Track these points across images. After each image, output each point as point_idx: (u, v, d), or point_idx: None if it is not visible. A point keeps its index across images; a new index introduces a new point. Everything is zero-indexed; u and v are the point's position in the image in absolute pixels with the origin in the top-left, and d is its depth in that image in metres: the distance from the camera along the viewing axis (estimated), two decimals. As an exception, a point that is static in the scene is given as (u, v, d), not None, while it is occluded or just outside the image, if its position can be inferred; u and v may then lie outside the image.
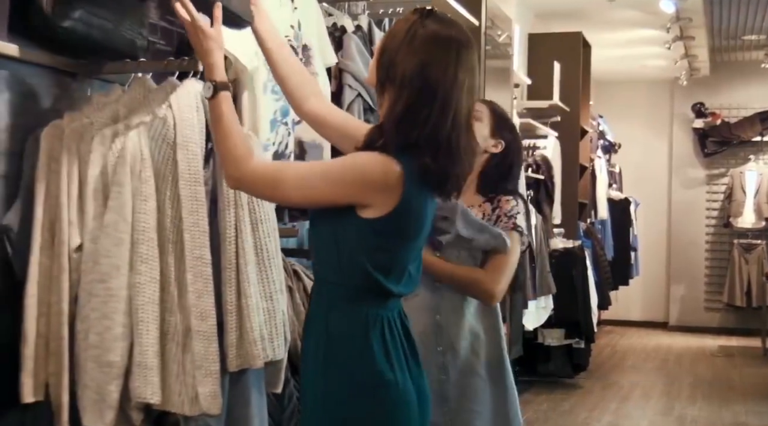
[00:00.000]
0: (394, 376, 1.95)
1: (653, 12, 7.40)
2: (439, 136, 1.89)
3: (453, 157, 1.92)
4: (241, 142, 1.89)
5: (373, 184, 1.87)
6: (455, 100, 1.91)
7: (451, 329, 2.70)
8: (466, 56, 1.96)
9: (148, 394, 2.02)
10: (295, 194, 1.92)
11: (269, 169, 1.92)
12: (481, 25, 4.55)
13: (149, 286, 2.03)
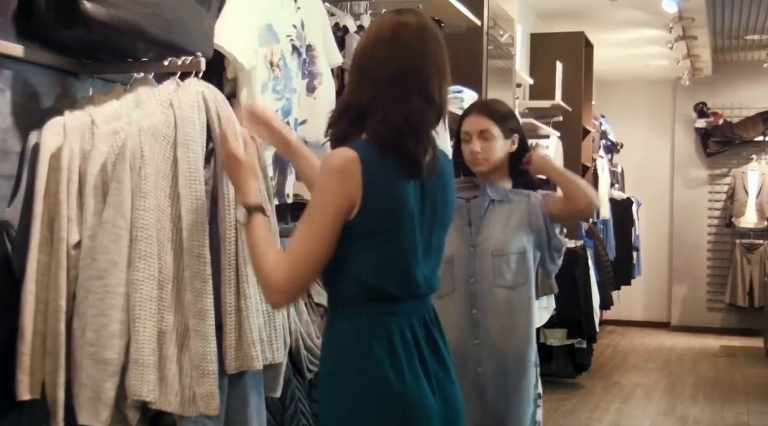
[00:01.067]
0: (403, 385, 1.92)
1: (655, 12, 7.39)
2: (385, 117, 1.93)
3: (407, 134, 1.93)
4: (268, 262, 1.92)
5: (338, 178, 1.89)
6: (389, 79, 1.94)
7: (488, 324, 2.80)
8: (400, 37, 1.97)
9: (144, 391, 2.01)
10: (322, 251, 1.91)
11: (291, 262, 1.90)
12: (483, 25, 4.55)
13: (147, 283, 2.03)
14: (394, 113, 1.93)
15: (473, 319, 2.81)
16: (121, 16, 2.11)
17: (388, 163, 1.92)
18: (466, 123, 2.93)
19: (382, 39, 1.97)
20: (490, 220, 2.87)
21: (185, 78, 2.26)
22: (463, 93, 4.34)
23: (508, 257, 2.83)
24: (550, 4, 7.58)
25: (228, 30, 2.48)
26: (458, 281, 2.83)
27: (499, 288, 2.82)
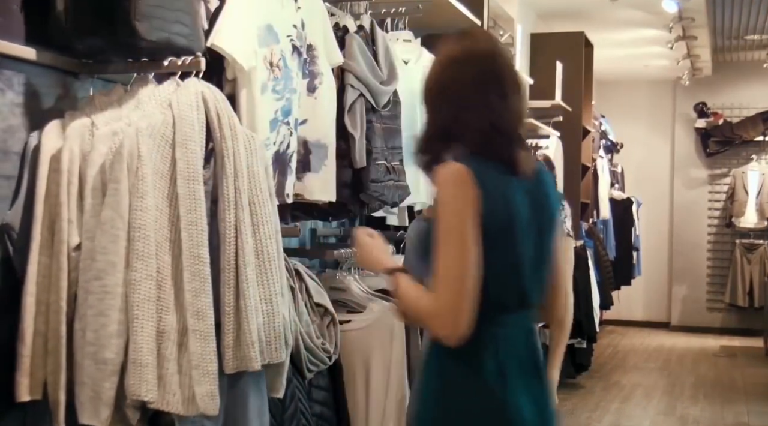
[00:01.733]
0: (506, 396, 1.96)
1: (655, 12, 7.39)
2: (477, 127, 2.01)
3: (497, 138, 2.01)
4: (425, 303, 1.92)
5: (458, 189, 1.93)
6: (467, 95, 2.03)
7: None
8: (463, 57, 2.07)
9: (142, 391, 2.01)
10: (475, 265, 1.90)
11: (451, 291, 1.89)
12: (483, 24, 4.55)
13: (145, 283, 2.03)
14: (480, 121, 2.01)
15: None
16: (163, 35, 2.16)
17: (490, 166, 1.98)
18: None
19: (455, 59, 2.07)
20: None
21: (185, 78, 2.26)
22: (463, 93, 4.33)
23: None
24: (550, 4, 7.57)
25: (227, 31, 2.48)
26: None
27: None
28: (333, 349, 2.87)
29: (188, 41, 2.26)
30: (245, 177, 2.22)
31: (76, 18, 2.13)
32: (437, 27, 4.20)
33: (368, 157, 3.13)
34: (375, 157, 3.16)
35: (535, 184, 2.06)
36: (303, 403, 2.75)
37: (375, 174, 3.16)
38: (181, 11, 2.22)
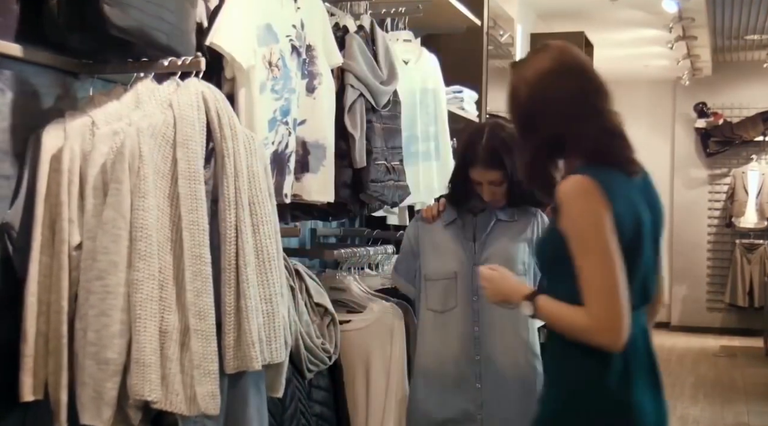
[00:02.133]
0: (631, 395, 2.02)
1: (655, 12, 7.39)
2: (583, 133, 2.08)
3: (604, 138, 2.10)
4: (577, 321, 1.98)
5: (588, 199, 1.98)
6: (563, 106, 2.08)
7: (488, 341, 2.84)
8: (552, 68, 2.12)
9: (145, 391, 2.01)
10: (620, 272, 1.96)
11: (601, 301, 1.95)
12: (483, 25, 4.55)
13: (147, 283, 2.03)
14: (595, 128, 2.08)
15: (475, 335, 2.85)
16: (134, 24, 2.13)
17: (609, 171, 2.05)
18: (474, 172, 2.86)
19: (551, 74, 2.10)
20: (495, 238, 2.89)
21: (185, 78, 2.26)
22: (463, 93, 4.34)
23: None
24: (550, 4, 7.57)
25: (227, 30, 2.48)
26: (461, 297, 2.87)
27: (501, 307, 2.82)
28: (333, 349, 2.87)
29: (168, 39, 2.23)
30: (245, 177, 2.22)
31: (67, 12, 2.12)
32: (437, 27, 4.21)
33: (368, 157, 3.13)
34: (375, 157, 3.16)
35: (645, 182, 2.16)
36: (303, 403, 2.75)
37: (375, 174, 3.16)
38: (165, 8, 2.20)
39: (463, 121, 4.29)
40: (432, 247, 2.94)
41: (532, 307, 2.10)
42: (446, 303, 2.88)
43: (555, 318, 2.06)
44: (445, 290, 2.88)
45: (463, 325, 2.85)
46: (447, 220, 2.95)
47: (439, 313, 2.88)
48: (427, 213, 3.00)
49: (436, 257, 2.93)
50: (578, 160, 2.08)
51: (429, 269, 2.93)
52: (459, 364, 2.85)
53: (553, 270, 2.11)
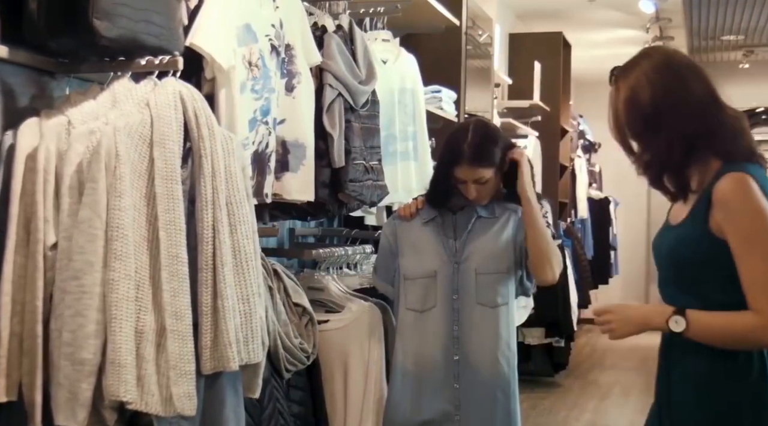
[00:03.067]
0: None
1: (633, 12, 7.45)
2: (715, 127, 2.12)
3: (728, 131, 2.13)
4: (741, 324, 2.01)
5: (758, 194, 2.02)
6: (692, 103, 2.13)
7: (468, 340, 2.82)
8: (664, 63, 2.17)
9: (121, 392, 2.00)
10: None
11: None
12: (461, 24, 4.56)
13: (123, 283, 2.02)
14: (723, 125, 2.11)
15: (454, 335, 2.83)
16: (123, 32, 2.13)
17: (755, 167, 2.07)
18: (459, 171, 2.85)
19: (669, 74, 2.14)
20: (476, 237, 2.88)
21: (163, 77, 2.25)
22: (442, 93, 4.35)
23: (491, 276, 2.85)
24: (529, 5, 7.61)
25: (206, 29, 2.47)
26: (441, 297, 2.85)
27: (481, 306, 2.84)
28: (311, 349, 2.87)
29: (160, 41, 2.24)
30: (223, 177, 2.21)
31: (48, 16, 2.12)
32: (416, 27, 4.21)
33: (347, 156, 3.13)
34: (353, 157, 3.16)
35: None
36: (281, 403, 2.75)
37: (353, 173, 3.16)
38: (151, 10, 2.20)
39: (442, 120, 4.30)
40: (411, 245, 2.92)
41: (684, 323, 2.06)
42: (426, 302, 2.86)
43: (717, 326, 2.05)
44: (425, 289, 2.87)
45: (443, 325, 2.84)
46: (426, 217, 2.92)
47: (419, 313, 2.87)
48: (404, 211, 2.97)
49: (415, 256, 2.91)
50: (714, 158, 2.09)
51: (408, 268, 2.91)
52: (437, 365, 2.84)
53: (698, 272, 2.10)
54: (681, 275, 2.17)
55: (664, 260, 2.24)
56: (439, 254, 2.87)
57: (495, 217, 2.90)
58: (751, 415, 2.05)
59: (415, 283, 2.88)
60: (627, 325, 2.18)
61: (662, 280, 2.30)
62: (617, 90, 2.21)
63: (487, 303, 2.84)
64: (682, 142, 2.09)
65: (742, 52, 9.55)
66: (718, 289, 2.07)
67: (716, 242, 2.04)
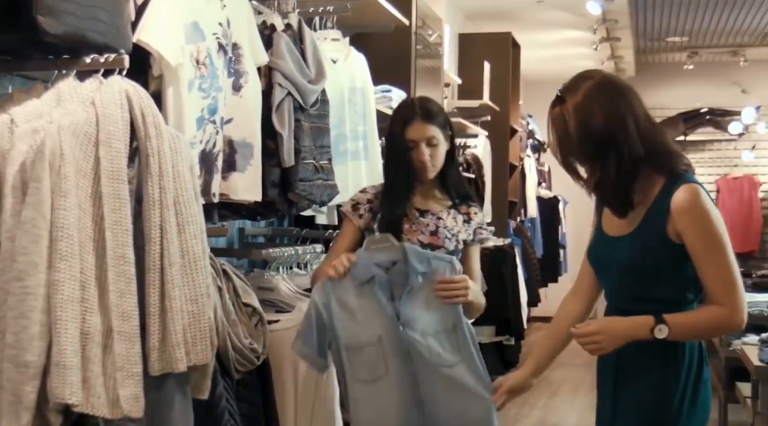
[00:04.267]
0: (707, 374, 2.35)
1: (580, 14, 7.53)
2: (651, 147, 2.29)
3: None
4: (712, 318, 2.24)
5: (712, 205, 2.26)
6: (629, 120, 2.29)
7: (435, 404, 2.61)
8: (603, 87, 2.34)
9: (66, 394, 1.97)
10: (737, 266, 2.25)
11: (739, 290, 2.22)
12: (411, 24, 4.57)
13: (68, 283, 1.99)
14: (664, 144, 2.30)
15: (417, 398, 2.61)
16: (68, 29, 2.09)
17: (693, 177, 2.29)
18: (411, 130, 2.80)
19: (613, 92, 2.31)
20: (416, 295, 2.64)
21: (109, 76, 2.22)
22: (392, 92, 4.36)
23: (439, 336, 2.63)
24: (478, 5, 7.66)
25: (154, 27, 2.45)
26: (392, 362, 2.61)
27: (439, 367, 2.62)
28: (261, 349, 2.85)
29: (106, 38, 2.20)
30: (170, 176, 2.19)
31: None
32: (366, 26, 4.22)
33: (296, 156, 3.12)
34: (303, 156, 3.15)
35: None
36: (231, 403, 2.73)
37: (303, 173, 3.15)
38: (97, 7, 2.17)
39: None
40: (348, 311, 2.63)
41: (667, 329, 2.20)
42: (375, 371, 2.61)
43: (695, 325, 2.25)
44: (371, 357, 2.62)
45: (400, 391, 2.60)
46: (360, 279, 2.64)
47: (370, 383, 2.62)
48: (335, 271, 2.64)
49: (353, 324, 2.63)
50: (656, 174, 2.27)
51: (347, 338, 2.63)
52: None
53: (654, 276, 2.28)
54: (636, 281, 2.32)
55: (617, 269, 2.38)
56: (380, 318, 2.61)
57: (432, 271, 2.66)
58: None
59: (360, 352, 2.63)
60: (614, 340, 2.28)
61: (612, 288, 2.46)
62: (565, 115, 2.31)
63: (443, 363, 2.62)
64: (631, 163, 2.24)
65: (686, 54, 9.72)
66: (670, 289, 2.27)
67: (673, 246, 2.25)
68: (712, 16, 8.09)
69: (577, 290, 2.64)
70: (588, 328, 2.30)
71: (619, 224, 2.37)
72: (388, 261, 2.65)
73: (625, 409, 2.36)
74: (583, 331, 2.30)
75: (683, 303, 2.29)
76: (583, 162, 2.34)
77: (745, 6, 7.67)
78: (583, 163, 2.34)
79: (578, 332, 2.31)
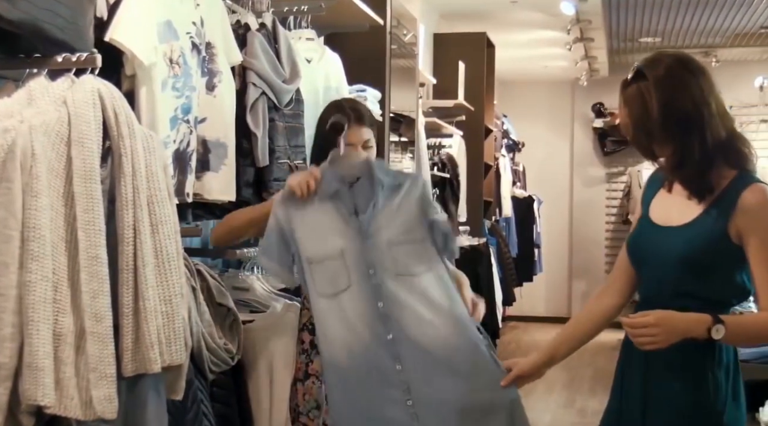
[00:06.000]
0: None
1: (554, 14, 7.56)
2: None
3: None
4: (763, 325, 2.15)
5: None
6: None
7: (399, 316, 2.50)
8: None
9: (39, 396, 1.95)
10: None
11: None
12: (386, 24, 4.57)
13: (40, 284, 1.98)
14: (736, 134, 2.23)
15: (381, 312, 2.51)
16: (24, 17, 2.06)
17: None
18: (350, 135, 2.73)
19: (687, 79, 2.21)
20: (382, 208, 2.57)
21: (80, 75, 2.21)
22: (366, 92, 4.35)
23: (405, 246, 2.56)
24: (453, 5, 7.67)
25: (126, 25, 2.43)
26: (354, 275, 2.53)
27: (403, 277, 2.54)
28: (236, 350, 2.85)
29: (65, 34, 2.18)
30: (143, 176, 2.18)
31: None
32: (340, 26, 4.21)
33: (271, 155, 3.11)
34: (278, 156, 3.15)
35: None
36: (205, 404, 2.72)
37: (278, 173, 3.14)
38: (59, 2, 2.14)
39: (367, 120, 4.31)
40: (309, 227, 2.58)
41: (724, 330, 2.09)
42: (337, 284, 2.53)
43: (750, 330, 2.16)
44: (334, 270, 2.54)
45: (363, 304, 2.51)
46: (324, 193, 2.57)
47: (333, 297, 2.54)
48: (300, 188, 2.55)
49: (315, 237, 2.57)
50: (725, 165, 2.19)
51: (310, 251, 2.56)
52: (370, 349, 2.51)
53: (705, 271, 2.18)
54: (685, 274, 2.20)
55: (667, 260, 2.23)
56: (343, 231, 2.55)
57: (399, 185, 2.60)
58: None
59: (322, 265, 2.55)
60: (671, 335, 2.11)
61: (655, 281, 2.30)
62: (643, 91, 2.26)
63: (407, 273, 2.54)
64: (713, 145, 2.17)
65: (659, 54, 9.78)
66: (717, 290, 2.18)
67: (730, 245, 2.15)
68: (684, 17, 8.16)
69: (611, 285, 2.50)
70: (645, 318, 2.11)
71: (672, 214, 2.26)
72: (352, 176, 2.60)
73: (659, 406, 2.26)
74: (638, 321, 2.12)
75: (725, 305, 2.20)
76: (664, 142, 2.23)
77: (716, 7, 7.74)
78: (664, 142, 2.23)
79: (633, 322, 2.13)
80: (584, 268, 11.12)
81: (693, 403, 2.20)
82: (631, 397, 2.35)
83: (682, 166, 2.21)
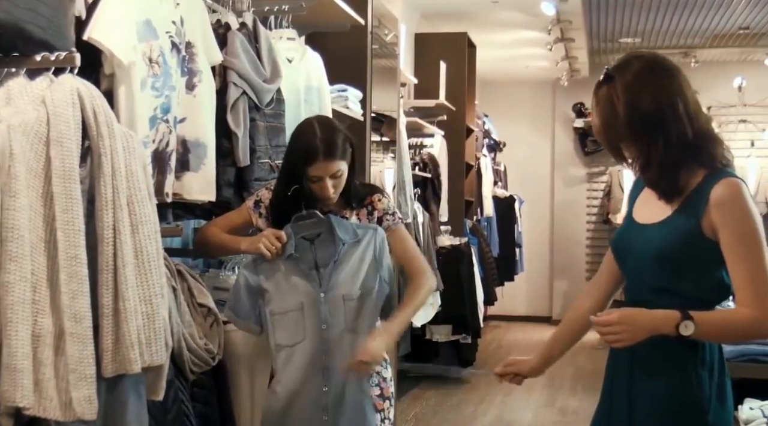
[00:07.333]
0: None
1: (535, 14, 7.59)
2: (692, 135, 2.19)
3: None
4: (740, 320, 2.12)
5: (752, 202, 2.17)
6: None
7: (337, 368, 2.74)
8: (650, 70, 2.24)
9: (17, 397, 1.94)
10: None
11: (765, 293, 2.10)
12: (367, 24, 4.57)
13: (19, 285, 1.96)
14: (709, 133, 2.21)
15: (323, 365, 2.74)
16: (4, 17, 2.05)
17: (734, 173, 2.20)
18: (315, 169, 2.76)
19: (653, 82, 2.19)
20: (341, 263, 2.78)
21: (59, 74, 2.19)
22: (348, 91, 4.35)
23: (359, 300, 2.77)
24: (434, 5, 7.68)
25: (105, 24, 2.42)
26: (309, 329, 2.75)
27: (349, 333, 2.76)
28: (216, 350, 2.84)
29: (46, 34, 2.17)
30: (123, 176, 2.17)
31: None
32: (321, 25, 4.21)
33: (252, 155, 3.11)
34: (259, 156, 3.14)
35: None
36: (186, 405, 2.71)
37: (259, 172, 3.14)
38: (40, 1, 2.13)
39: (348, 119, 4.31)
40: (274, 283, 2.79)
41: (693, 326, 2.09)
42: (295, 336, 2.76)
43: (722, 326, 2.15)
44: (294, 324, 2.76)
45: (313, 357, 2.74)
46: (288, 251, 2.78)
47: (289, 348, 2.76)
48: (269, 250, 2.76)
49: (280, 292, 2.78)
50: (697, 164, 2.18)
51: (274, 305, 2.78)
52: (307, 397, 2.75)
53: (681, 268, 2.18)
54: (662, 271, 2.22)
55: (644, 256, 2.25)
56: (303, 286, 2.76)
57: (358, 241, 2.80)
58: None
59: (284, 317, 2.77)
60: (636, 333, 2.14)
61: (635, 278, 2.33)
62: (612, 94, 2.28)
63: (355, 329, 2.76)
64: (679, 145, 2.17)
65: (639, 54, 9.83)
66: (695, 286, 2.18)
67: (705, 242, 2.15)
68: (664, 18, 8.21)
69: (594, 282, 2.54)
70: (609, 317, 2.16)
71: (652, 212, 2.27)
72: (314, 234, 2.79)
73: (644, 405, 2.27)
74: (603, 319, 2.18)
75: (706, 304, 2.18)
76: (631, 143, 2.24)
77: (696, 8, 7.80)
78: (630, 144, 2.24)
79: (598, 321, 2.20)
80: (565, 267, 11.16)
81: (677, 402, 2.20)
82: (618, 396, 2.36)
83: (646, 167, 2.23)
